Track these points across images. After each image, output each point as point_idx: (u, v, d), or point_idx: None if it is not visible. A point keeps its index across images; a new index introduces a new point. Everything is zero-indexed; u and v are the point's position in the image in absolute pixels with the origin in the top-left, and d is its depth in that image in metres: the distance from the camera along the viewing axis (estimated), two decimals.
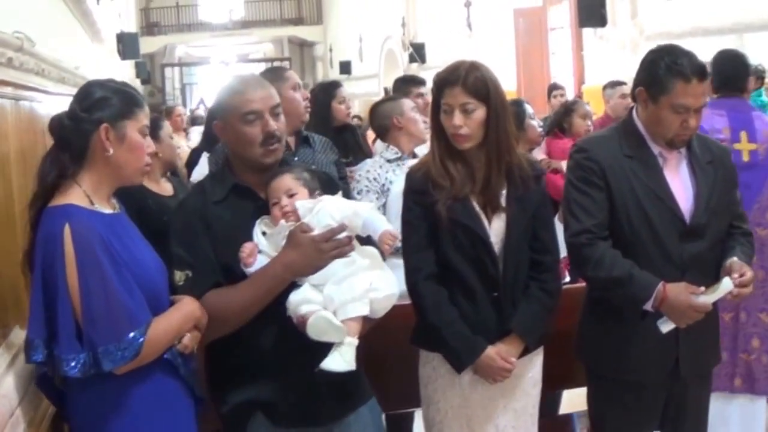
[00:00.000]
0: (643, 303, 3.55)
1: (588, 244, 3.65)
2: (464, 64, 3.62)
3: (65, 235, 2.81)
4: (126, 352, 2.83)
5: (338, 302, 3.17)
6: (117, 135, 2.99)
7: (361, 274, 3.24)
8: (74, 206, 2.91)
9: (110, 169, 3.02)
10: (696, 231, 3.66)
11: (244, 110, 3.32)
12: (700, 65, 3.60)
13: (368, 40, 28.64)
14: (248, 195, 3.39)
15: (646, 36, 12.49)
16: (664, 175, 3.70)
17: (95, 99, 2.99)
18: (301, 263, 3.17)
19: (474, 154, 3.60)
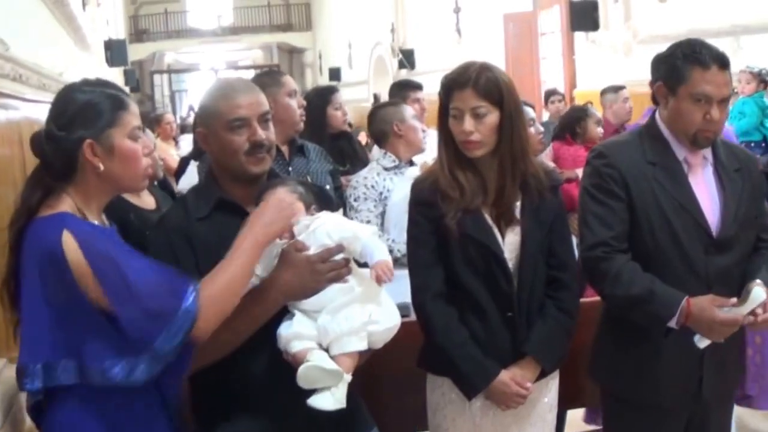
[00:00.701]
0: (667, 321, 3.28)
1: (604, 258, 3.38)
2: (474, 64, 3.33)
3: (65, 242, 2.54)
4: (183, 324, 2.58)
5: (333, 335, 2.89)
6: (104, 149, 2.68)
7: (359, 303, 2.95)
8: (66, 214, 2.63)
9: (105, 183, 2.73)
10: (723, 244, 3.40)
11: (230, 117, 3.04)
12: (720, 53, 3.38)
13: (357, 47, 28.57)
14: (235, 210, 3.09)
15: (640, 39, 12.39)
16: (690, 183, 3.44)
17: (72, 113, 2.67)
18: (296, 285, 2.90)
19: (486, 162, 3.32)
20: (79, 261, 2.54)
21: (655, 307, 3.29)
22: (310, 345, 2.89)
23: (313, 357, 2.84)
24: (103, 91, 2.74)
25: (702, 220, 3.39)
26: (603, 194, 3.42)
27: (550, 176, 3.42)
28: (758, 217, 3.55)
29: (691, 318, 3.22)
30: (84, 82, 2.81)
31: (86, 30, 11.66)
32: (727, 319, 3.19)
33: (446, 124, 3.34)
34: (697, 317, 3.21)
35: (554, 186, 3.43)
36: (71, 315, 2.58)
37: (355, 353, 2.92)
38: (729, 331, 3.23)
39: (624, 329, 3.53)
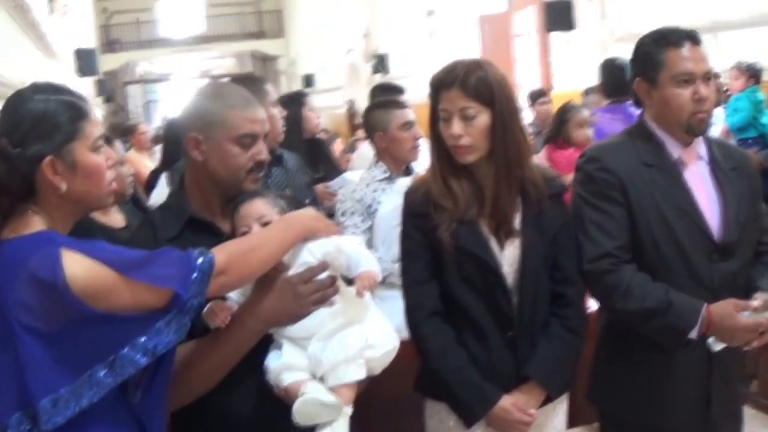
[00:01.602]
0: (688, 332, 3.09)
1: (611, 270, 3.18)
2: (463, 62, 3.11)
3: (66, 260, 2.26)
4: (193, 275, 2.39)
5: (328, 365, 2.63)
6: (65, 165, 2.40)
7: (354, 327, 2.69)
8: (52, 232, 2.39)
9: (67, 203, 2.45)
10: (727, 249, 3.23)
11: (243, 131, 2.82)
12: (688, 30, 3.25)
13: (331, 53, 28.44)
14: (207, 230, 2.85)
15: (616, 38, 12.34)
16: (688, 185, 3.25)
17: (27, 126, 2.37)
18: (276, 311, 2.65)
19: (481, 168, 3.09)
20: (91, 270, 2.29)
21: (673, 319, 3.11)
22: (303, 376, 2.64)
23: (309, 390, 2.59)
24: (58, 98, 2.44)
25: (703, 225, 3.22)
26: (601, 200, 3.23)
27: (551, 183, 3.17)
28: (758, 219, 3.37)
29: (713, 326, 3.07)
30: (35, 89, 2.49)
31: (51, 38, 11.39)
32: (750, 324, 3.04)
33: (437, 128, 3.11)
34: (719, 325, 3.07)
35: (558, 193, 3.19)
36: (76, 333, 2.29)
37: (354, 383, 2.67)
38: (753, 336, 3.07)
39: (626, 347, 3.36)
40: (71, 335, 2.29)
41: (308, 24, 31.22)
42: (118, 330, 2.33)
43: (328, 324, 2.68)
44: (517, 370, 3.12)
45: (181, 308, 2.38)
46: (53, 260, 2.26)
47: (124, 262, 2.35)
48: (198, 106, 2.92)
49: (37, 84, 2.57)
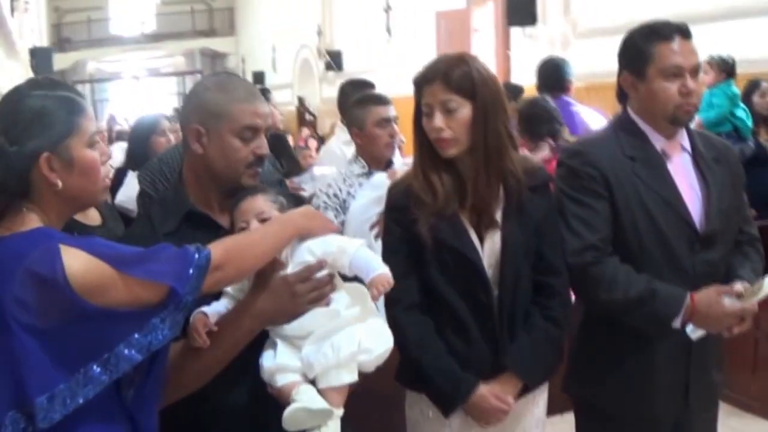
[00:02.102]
0: (671, 320, 3.14)
1: (595, 262, 3.21)
2: (447, 56, 3.14)
3: (66, 256, 2.23)
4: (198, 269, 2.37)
5: (319, 369, 2.61)
6: (62, 162, 2.36)
7: (347, 330, 2.66)
8: (49, 228, 2.36)
9: (62, 201, 2.41)
10: (708, 239, 3.27)
11: (246, 123, 2.78)
12: (679, 24, 3.26)
13: (282, 50, 28.59)
14: (206, 224, 2.81)
15: (579, 33, 12.41)
16: (671, 176, 3.27)
17: (25, 123, 2.33)
18: (272, 310, 2.62)
19: (464, 162, 3.08)
20: (89, 265, 2.26)
21: (658, 307, 3.16)
22: (295, 378, 2.62)
23: (299, 396, 2.56)
24: (56, 94, 2.40)
25: (686, 215, 3.26)
26: (584, 195, 3.25)
27: (534, 174, 3.15)
28: (739, 209, 3.44)
29: (698, 314, 3.11)
30: (32, 84, 2.46)
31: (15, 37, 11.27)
32: (736, 310, 3.10)
33: (421, 124, 3.11)
34: (704, 312, 3.11)
35: (543, 183, 3.19)
36: (72, 330, 2.25)
37: (345, 386, 2.65)
38: (734, 322, 3.14)
39: (604, 339, 3.40)
40: (68, 332, 2.25)
41: (260, 21, 31.35)
42: (114, 326, 2.30)
43: (324, 325, 2.65)
44: (496, 362, 3.13)
45: (177, 304, 2.35)
46: (53, 256, 2.23)
47: (121, 257, 2.32)
48: (201, 97, 2.88)
49: (35, 79, 2.55)
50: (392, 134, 4.94)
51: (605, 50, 10.11)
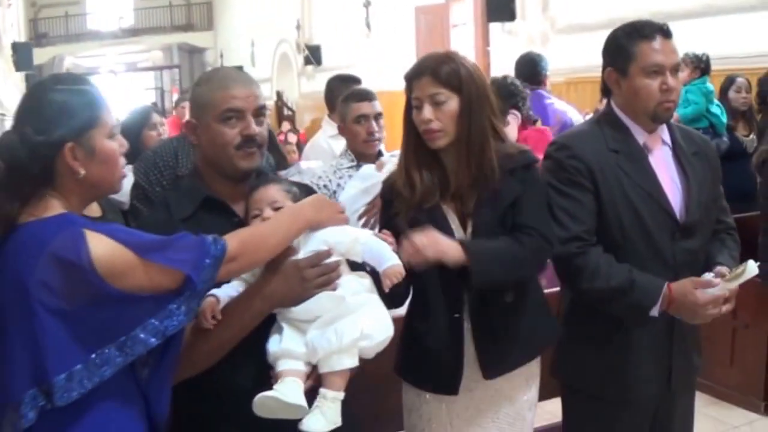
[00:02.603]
0: (649, 309, 3.25)
1: (579, 253, 3.33)
2: (436, 53, 3.27)
3: (91, 241, 2.36)
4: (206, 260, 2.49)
5: (322, 353, 2.73)
6: (85, 151, 2.49)
7: (351, 317, 2.78)
8: (73, 214, 2.48)
9: (84, 188, 2.53)
10: (688, 229, 3.41)
11: (225, 107, 2.89)
12: (660, 24, 3.39)
13: (261, 45, 28.48)
14: (221, 210, 2.95)
15: (558, 29, 12.54)
16: (652, 169, 3.41)
17: (50, 114, 2.47)
18: (282, 293, 2.75)
19: (449, 154, 3.21)
20: (113, 250, 2.38)
21: (637, 296, 3.26)
22: (297, 366, 2.74)
23: (279, 387, 2.69)
24: (79, 88, 2.55)
25: (667, 206, 3.38)
26: (569, 187, 3.37)
27: (513, 158, 3.21)
28: (717, 200, 3.57)
29: (674, 304, 3.22)
30: (55, 80, 2.61)
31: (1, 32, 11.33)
32: (710, 300, 3.18)
33: (410, 119, 3.24)
34: (680, 303, 3.21)
35: (522, 167, 3.22)
36: (93, 312, 2.38)
37: (346, 371, 2.77)
38: (713, 312, 3.22)
39: (592, 326, 3.50)
40: (89, 315, 2.37)
41: (238, 16, 31.21)
42: (133, 311, 2.42)
43: (330, 308, 2.77)
44: (458, 350, 3.22)
45: (193, 291, 2.47)
46: (77, 240, 2.35)
47: (142, 244, 2.44)
48: (192, 93, 3.03)
49: (57, 75, 2.69)
50: (369, 131, 5.02)
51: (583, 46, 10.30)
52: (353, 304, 2.80)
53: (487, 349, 3.24)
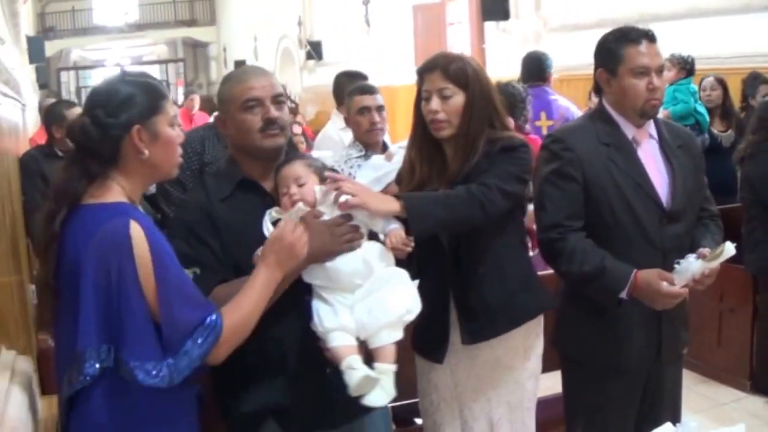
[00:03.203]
0: (618, 293, 3.47)
1: (559, 238, 3.58)
2: (447, 52, 3.57)
3: (134, 232, 2.55)
4: (208, 336, 2.62)
5: (372, 330, 2.99)
6: (149, 134, 2.70)
7: (388, 292, 3.04)
8: (127, 204, 2.66)
9: (146, 169, 2.75)
10: (674, 215, 3.62)
11: (245, 98, 3.15)
12: (645, 30, 3.63)
13: (263, 39, 28.44)
14: (255, 190, 3.21)
15: (550, 28, 12.62)
16: (641, 160, 3.64)
17: (120, 100, 2.68)
18: (316, 247, 2.98)
19: (451, 144, 3.47)
20: (144, 253, 2.56)
21: (607, 281, 3.48)
22: (351, 341, 2.99)
23: (357, 365, 2.93)
24: (145, 81, 2.77)
25: (654, 195, 3.60)
26: (559, 179, 3.61)
27: (495, 143, 3.42)
28: (700, 189, 3.79)
29: (638, 290, 3.42)
30: (126, 74, 2.86)
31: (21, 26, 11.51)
32: (670, 291, 3.37)
33: (420, 110, 3.51)
34: (643, 290, 3.41)
35: (501, 149, 3.39)
36: (120, 306, 2.55)
37: (394, 344, 3.02)
38: (671, 301, 3.42)
39: (588, 300, 3.68)
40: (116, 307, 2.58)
41: (241, 11, 31.10)
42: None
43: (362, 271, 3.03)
44: (447, 322, 3.50)
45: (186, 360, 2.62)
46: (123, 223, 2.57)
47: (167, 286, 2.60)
48: (219, 91, 3.31)
49: (125, 71, 2.97)
50: (371, 121, 5.30)
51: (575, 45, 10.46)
52: (385, 275, 3.07)
53: (466, 318, 3.48)
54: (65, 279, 2.60)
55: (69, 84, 40.28)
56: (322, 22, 22.87)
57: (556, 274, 3.80)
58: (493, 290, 3.48)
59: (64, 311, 2.62)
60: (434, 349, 3.53)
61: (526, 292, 3.57)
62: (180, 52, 40.88)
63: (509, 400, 3.58)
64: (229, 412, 3.19)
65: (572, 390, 3.92)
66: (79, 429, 2.65)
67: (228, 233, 3.09)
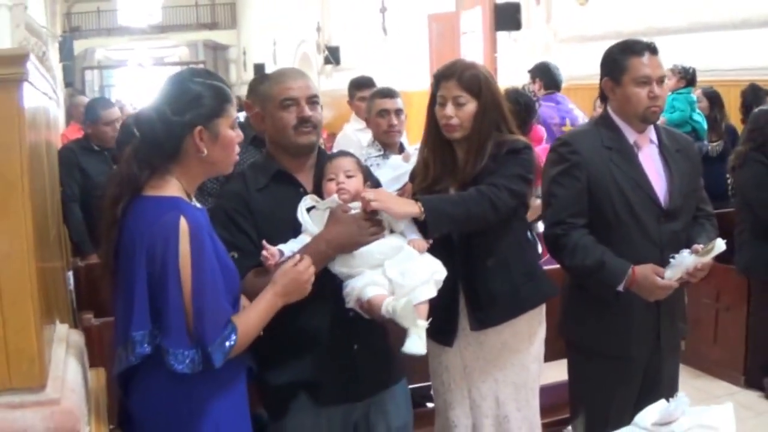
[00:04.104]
0: (616, 286, 3.65)
1: (563, 234, 3.76)
2: (461, 61, 3.75)
3: (182, 229, 2.67)
4: (223, 351, 2.73)
5: (408, 287, 3.16)
6: (210, 135, 2.82)
7: (419, 260, 3.23)
8: (181, 199, 2.79)
9: (203, 166, 2.88)
10: (672, 213, 3.79)
11: (282, 97, 3.35)
12: (648, 42, 3.80)
13: (282, 44, 28.48)
14: (289, 181, 3.41)
15: (560, 39, 12.76)
16: (641, 163, 3.81)
17: (186, 101, 2.79)
18: (344, 238, 3.20)
19: (461, 145, 3.65)
20: (186, 249, 2.68)
21: (605, 275, 3.67)
22: (384, 292, 3.16)
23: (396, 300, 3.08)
24: (211, 83, 2.87)
25: (653, 194, 3.77)
26: (565, 179, 3.78)
27: (502, 146, 3.61)
28: (697, 190, 3.96)
29: (635, 284, 3.61)
30: (193, 73, 2.93)
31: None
32: (664, 284, 3.57)
33: (434, 112, 3.68)
34: (640, 283, 3.61)
35: (506, 151, 3.58)
36: (161, 295, 2.68)
37: (426, 301, 3.19)
38: (664, 293, 3.61)
39: (591, 292, 3.86)
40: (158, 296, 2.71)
41: (261, 16, 31.16)
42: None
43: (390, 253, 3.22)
44: (456, 309, 3.68)
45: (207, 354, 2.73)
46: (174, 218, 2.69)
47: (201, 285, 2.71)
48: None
49: (194, 68, 3.12)
50: (390, 123, 5.49)
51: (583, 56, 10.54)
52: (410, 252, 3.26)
53: (474, 307, 3.66)
54: (122, 262, 2.75)
55: (93, 83, 40.44)
56: (340, 29, 22.93)
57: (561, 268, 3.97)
58: (498, 281, 3.66)
59: (120, 291, 2.77)
60: (445, 334, 3.68)
61: (529, 283, 3.74)
62: (201, 54, 40.97)
63: (515, 381, 3.74)
64: (265, 385, 3.38)
65: (576, 376, 4.08)
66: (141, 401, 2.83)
67: (264, 221, 3.29)
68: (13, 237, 2.47)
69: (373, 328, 3.34)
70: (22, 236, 2.48)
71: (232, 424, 2.94)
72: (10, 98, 2.45)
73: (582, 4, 12.07)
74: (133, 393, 2.85)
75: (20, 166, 2.47)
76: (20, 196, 2.48)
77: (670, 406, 2.66)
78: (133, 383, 2.83)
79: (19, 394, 2.49)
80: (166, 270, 2.67)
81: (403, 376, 3.59)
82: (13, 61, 2.46)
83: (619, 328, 3.83)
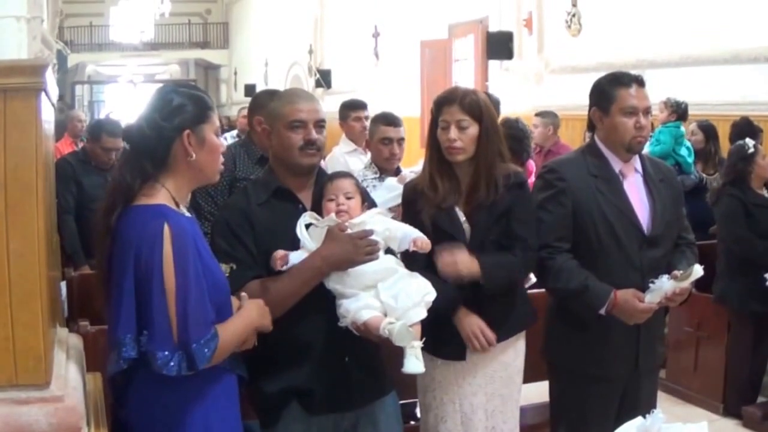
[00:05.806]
0: (598, 309, 3.79)
1: (548, 258, 3.88)
2: (462, 88, 3.90)
3: (165, 234, 2.79)
4: (207, 351, 2.82)
5: (401, 310, 3.28)
6: (197, 139, 2.97)
7: (411, 283, 3.36)
8: (167, 207, 2.90)
9: (192, 172, 3.01)
10: (654, 240, 3.92)
11: (291, 118, 3.47)
12: (635, 75, 3.96)
13: (274, 65, 28.57)
14: (289, 198, 3.53)
15: (551, 69, 12.82)
16: (625, 191, 3.93)
17: (174, 106, 2.95)
18: (339, 256, 3.31)
19: (463, 168, 3.78)
20: (168, 252, 2.79)
21: (588, 299, 3.82)
22: (379, 314, 3.28)
23: (392, 323, 3.23)
24: (194, 93, 3.05)
25: (636, 221, 3.91)
26: (552, 205, 3.92)
27: (510, 177, 3.81)
28: (679, 219, 4.09)
29: (617, 308, 3.77)
30: (177, 85, 3.13)
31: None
32: (645, 308, 3.73)
33: (434, 135, 3.81)
34: (622, 307, 3.76)
35: (515, 184, 3.80)
36: (146, 299, 2.79)
37: (419, 322, 3.32)
38: (644, 316, 3.77)
39: (573, 314, 3.99)
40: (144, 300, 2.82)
41: (253, 37, 31.32)
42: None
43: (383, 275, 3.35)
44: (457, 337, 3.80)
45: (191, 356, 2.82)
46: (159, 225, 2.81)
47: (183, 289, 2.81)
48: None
49: (177, 82, 3.37)
50: (392, 152, 5.67)
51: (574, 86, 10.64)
52: (404, 271, 3.40)
53: None
54: (114, 270, 2.87)
55: (83, 98, 40.33)
56: (332, 52, 23.05)
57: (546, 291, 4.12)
58: (496, 307, 3.84)
59: (112, 298, 2.88)
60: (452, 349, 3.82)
61: (522, 306, 3.96)
62: (192, 72, 40.88)
63: (502, 393, 3.92)
64: (257, 392, 3.49)
65: (557, 395, 4.21)
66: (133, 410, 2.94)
67: (263, 234, 3.42)
68: (27, 237, 2.59)
69: (364, 342, 3.43)
70: (34, 237, 2.61)
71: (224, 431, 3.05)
72: (30, 106, 2.59)
73: (574, 36, 12.17)
74: (126, 401, 2.96)
75: (35, 170, 2.61)
76: (35, 200, 2.61)
77: (647, 422, 2.76)
78: (125, 392, 2.94)
79: (24, 391, 2.60)
80: (151, 274, 2.78)
81: (392, 389, 3.70)
82: (34, 71, 2.60)
83: (600, 349, 3.96)
